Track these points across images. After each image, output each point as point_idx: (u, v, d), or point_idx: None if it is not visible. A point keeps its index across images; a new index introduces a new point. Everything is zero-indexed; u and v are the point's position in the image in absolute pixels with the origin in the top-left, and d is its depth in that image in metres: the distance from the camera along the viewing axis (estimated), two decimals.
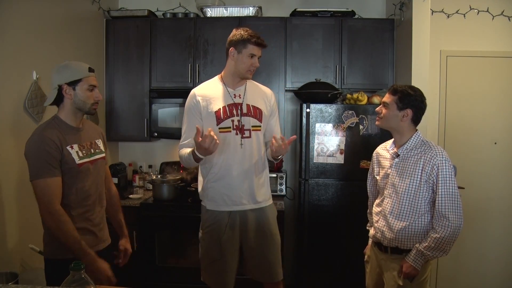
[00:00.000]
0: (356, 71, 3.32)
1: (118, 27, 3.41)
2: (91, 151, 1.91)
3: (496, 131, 3.40)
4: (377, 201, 2.11)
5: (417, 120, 1.98)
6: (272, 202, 2.27)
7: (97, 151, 1.95)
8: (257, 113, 2.16)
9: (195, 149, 1.96)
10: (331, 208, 2.98)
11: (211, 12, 3.40)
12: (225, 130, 2.10)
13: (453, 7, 3.37)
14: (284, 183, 3.25)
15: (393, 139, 2.08)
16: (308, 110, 2.94)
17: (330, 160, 2.95)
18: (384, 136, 2.62)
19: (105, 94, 3.42)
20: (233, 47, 2.11)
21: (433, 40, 3.11)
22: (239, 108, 2.13)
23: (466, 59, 3.39)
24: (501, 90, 3.38)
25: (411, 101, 1.94)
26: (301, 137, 2.97)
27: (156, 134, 3.38)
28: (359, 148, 2.93)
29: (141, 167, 3.74)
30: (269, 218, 2.19)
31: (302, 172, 2.98)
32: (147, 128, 3.39)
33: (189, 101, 2.17)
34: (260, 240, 2.15)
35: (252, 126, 2.14)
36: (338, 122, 2.93)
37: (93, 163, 1.91)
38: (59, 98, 1.83)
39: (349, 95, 3.06)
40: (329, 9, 3.31)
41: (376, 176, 2.14)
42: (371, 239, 2.18)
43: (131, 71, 3.41)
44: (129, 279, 2.32)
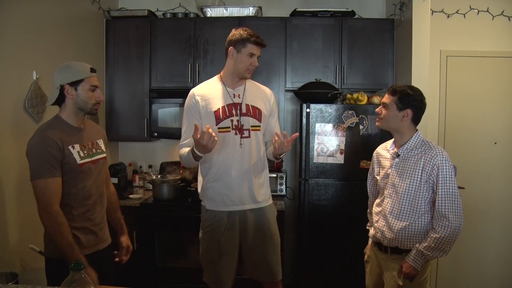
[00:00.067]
0: (356, 71, 3.32)
1: (118, 27, 3.41)
2: (93, 151, 1.92)
3: (496, 131, 3.40)
4: (377, 201, 2.11)
5: (417, 120, 1.98)
6: (272, 202, 2.26)
7: (98, 151, 1.96)
8: (256, 113, 2.16)
9: (194, 147, 1.96)
10: (331, 208, 2.98)
11: (211, 12, 3.40)
12: (224, 130, 2.10)
13: (453, 7, 3.36)
14: (284, 183, 3.25)
15: (393, 139, 2.08)
16: (308, 110, 2.94)
17: (330, 160, 2.95)
18: (384, 136, 2.62)
19: (105, 94, 3.41)
20: (232, 47, 2.11)
21: (433, 40, 3.11)
22: (238, 108, 2.13)
23: (466, 59, 3.39)
24: (501, 90, 3.38)
25: (410, 101, 1.94)
26: (301, 137, 2.97)
27: (156, 134, 3.38)
28: (359, 148, 2.93)
29: (141, 167, 3.74)
30: (269, 218, 2.19)
31: (302, 172, 2.98)
32: (147, 128, 3.39)
33: (188, 101, 2.17)
34: (259, 240, 2.15)
35: (251, 126, 2.13)
36: (338, 122, 2.93)
37: (95, 163, 1.91)
38: (61, 98, 1.84)
39: (349, 95, 3.05)
40: (329, 9, 3.31)
41: (376, 176, 2.14)
42: (371, 239, 2.17)
43: (131, 71, 3.41)
44: (129, 279, 2.33)
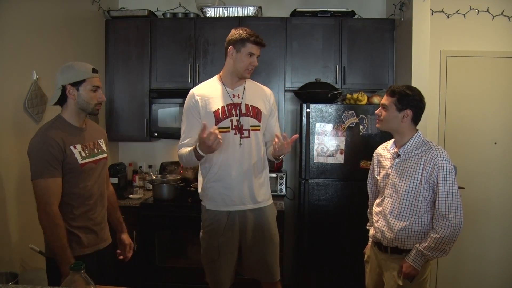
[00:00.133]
0: (356, 71, 3.31)
1: (118, 27, 3.41)
2: (94, 151, 1.93)
3: (496, 131, 3.39)
4: (377, 201, 2.11)
5: (417, 119, 1.98)
6: (272, 202, 2.26)
7: (99, 151, 1.97)
8: (256, 113, 2.16)
9: (197, 146, 1.96)
10: (331, 208, 2.98)
11: (211, 12, 3.40)
12: (224, 130, 2.10)
13: (453, 7, 3.36)
14: (284, 183, 3.25)
15: (393, 139, 2.08)
16: (308, 110, 2.94)
17: (330, 160, 2.95)
18: (384, 136, 2.62)
19: (105, 94, 3.40)
20: (232, 46, 2.11)
21: (433, 40, 3.11)
22: (238, 108, 2.13)
23: (466, 59, 3.39)
24: (501, 90, 3.38)
25: (409, 101, 1.94)
26: (301, 137, 2.97)
27: (156, 134, 3.38)
28: (359, 148, 2.93)
29: (141, 167, 3.74)
30: (269, 218, 2.19)
31: (302, 172, 2.98)
32: (147, 128, 3.39)
33: (188, 101, 2.17)
34: (258, 240, 2.15)
35: (251, 126, 2.13)
36: (338, 122, 2.93)
37: (96, 163, 1.93)
38: (63, 98, 1.85)
39: (349, 95, 3.05)
40: (329, 9, 3.31)
41: (376, 176, 2.13)
42: (371, 239, 2.17)
43: (131, 71, 3.40)
44: (129, 279, 2.33)
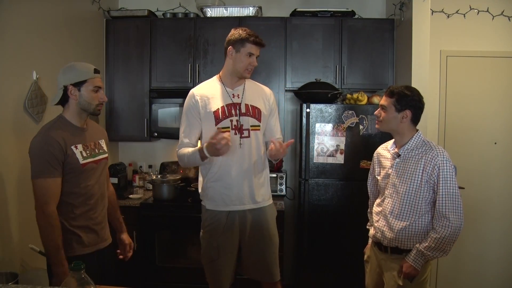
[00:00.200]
0: (356, 71, 3.31)
1: (118, 27, 3.40)
2: (95, 151, 1.94)
3: (496, 131, 3.39)
4: (377, 201, 2.11)
5: (416, 120, 1.98)
6: (272, 202, 2.26)
7: (100, 151, 1.98)
8: (256, 112, 2.16)
9: (204, 147, 1.97)
10: (331, 208, 2.98)
11: (211, 12, 3.40)
12: (224, 130, 2.09)
13: (453, 7, 3.36)
14: (284, 183, 3.25)
15: (393, 140, 2.08)
16: (308, 110, 2.94)
17: (330, 160, 2.95)
18: (384, 136, 2.62)
19: (105, 94, 3.40)
20: (231, 46, 2.11)
21: (433, 40, 3.11)
22: (238, 108, 2.13)
23: (466, 59, 3.39)
24: (501, 90, 3.38)
25: (408, 102, 1.93)
26: (301, 137, 2.97)
27: (156, 134, 3.38)
28: (359, 148, 2.93)
29: (141, 167, 3.74)
30: (268, 218, 2.19)
31: (302, 172, 2.98)
32: (147, 128, 3.39)
33: (188, 101, 2.17)
34: (258, 240, 2.15)
35: (251, 126, 2.14)
36: (338, 122, 2.93)
37: (97, 163, 1.93)
38: (65, 98, 1.86)
39: (349, 95, 3.05)
40: (329, 9, 3.31)
41: (377, 176, 2.13)
42: (371, 239, 2.17)
43: (131, 71, 3.40)
44: (129, 279, 2.33)
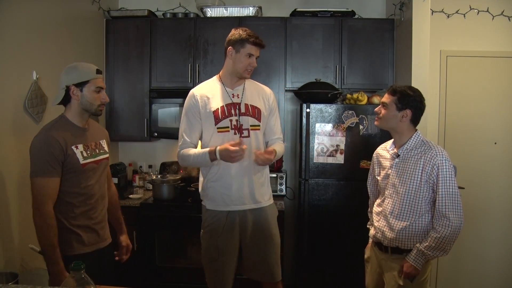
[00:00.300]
0: (356, 71, 3.31)
1: (118, 27, 3.40)
2: (96, 151, 1.94)
3: (496, 131, 3.40)
4: (378, 201, 2.11)
5: (416, 120, 1.98)
6: (272, 201, 2.26)
7: (101, 151, 1.98)
8: (255, 112, 2.16)
9: (217, 151, 1.98)
10: (331, 208, 2.98)
11: (211, 12, 3.40)
12: (224, 130, 2.10)
13: (453, 7, 3.36)
14: (284, 183, 3.25)
15: (392, 140, 2.08)
16: (308, 110, 2.94)
17: (330, 160, 2.95)
18: (384, 136, 2.62)
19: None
20: (231, 47, 2.11)
21: (433, 40, 3.11)
22: (237, 107, 2.13)
23: (466, 59, 3.39)
24: (501, 90, 3.38)
25: (410, 102, 1.94)
26: (301, 137, 2.97)
27: (156, 134, 3.38)
28: (359, 148, 2.93)
29: (141, 167, 3.74)
30: (269, 218, 2.19)
31: (302, 172, 2.98)
32: (147, 128, 3.39)
33: (188, 101, 2.17)
34: (259, 240, 2.15)
35: (250, 125, 2.14)
36: (338, 122, 2.93)
37: (98, 163, 1.94)
38: (66, 98, 1.86)
39: (349, 95, 3.05)
40: (329, 9, 3.31)
41: (376, 176, 2.14)
42: (371, 239, 2.17)
43: (131, 71, 3.40)
44: (129, 279, 2.33)
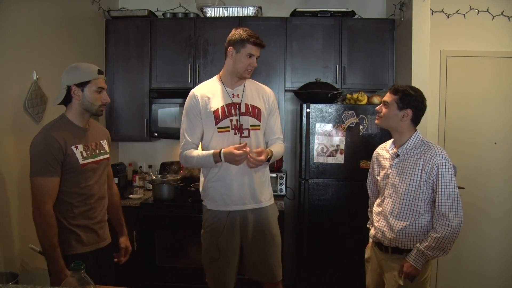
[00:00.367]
0: (356, 71, 3.31)
1: (118, 27, 3.40)
2: (96, 151, 1.94)
3: (496, 131, 3.40)
4: (377, 201, 2.11)
5: (416, 120, 1.98)
6: (273, 201, 2.26)
7: (101, 151, 1.98)
8: (255, 112, 2.16)
9: (222, 153, 1.99)
10: (331, 208, 2.98)
11: (211, 12, 3.40)
12: (224, 129, 2.10)
13: (453, 7, 3.36)
14: (284, 183, 3.25)
15: (392, 139, 2.08)
16: (308, 110, 2.94)
17: (330, 160, 2.95)
18: (384, 136, 2.62)
19: None
20: (231, 47, 2.11)
21: (433, 40, 3.11)
22: (238, 107, 2.13)
23: (466, 59, 3.39)
24: (501, 90, 3.38)
25: (411, 101, 1.94)
26: (301, 137, 2.97)
27: (156, 134, 3.38)
28: (359, 148, 2.93)
29: (141, 167, 3.74)
30: (270, 218, 2.19)
31: (302, 172, 2.98)
32: (147, 128, 3.39)
33: (189, 101, 2.17)
34: (259, 240, 2.15)
35: (250, 125, 2.14)
36: (338, 122, 2.93)
37: (97, 164, 1.94)
38: (68, 98, 1.86)
39: (349, 95, 3.06)
40: (329, 9, 3.31)
41: (376, 176, 2.14)
42: (371, 239, 2.18)
43: (131, 71, 3.40)
44: (129, 279, 2.33)
